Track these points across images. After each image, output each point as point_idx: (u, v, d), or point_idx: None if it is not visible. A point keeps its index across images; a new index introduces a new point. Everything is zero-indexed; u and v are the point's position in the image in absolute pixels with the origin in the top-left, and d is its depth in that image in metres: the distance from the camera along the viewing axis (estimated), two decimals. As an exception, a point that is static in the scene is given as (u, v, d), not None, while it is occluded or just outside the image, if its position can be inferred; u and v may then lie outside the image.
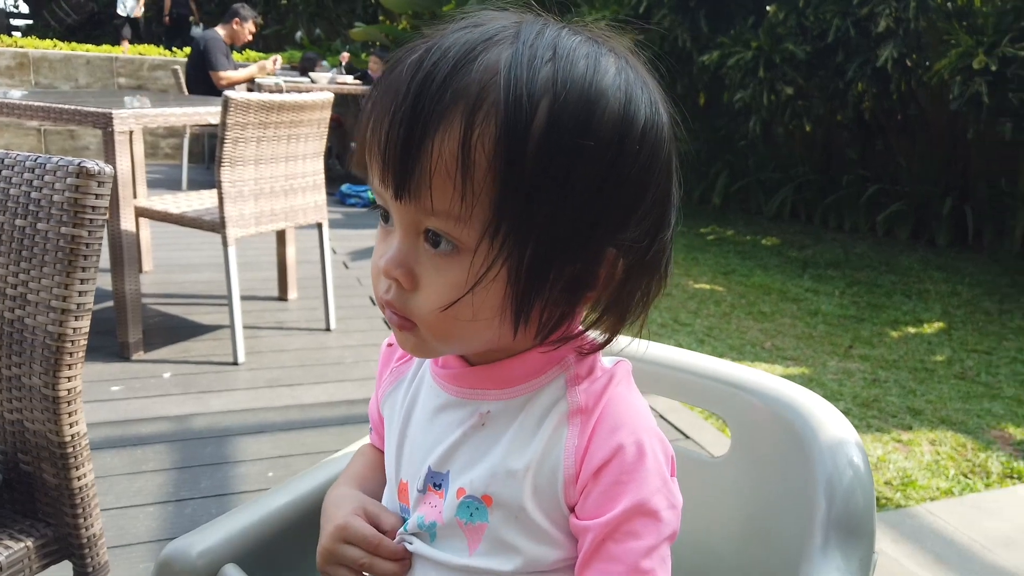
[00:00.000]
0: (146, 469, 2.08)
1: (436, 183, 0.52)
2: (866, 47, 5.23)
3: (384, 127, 0.53)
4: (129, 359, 2.78)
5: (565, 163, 0.52)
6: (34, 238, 1.00)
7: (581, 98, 0.52)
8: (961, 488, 2.28)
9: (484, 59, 0.52)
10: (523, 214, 0.52)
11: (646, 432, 0.60)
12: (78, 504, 1.04)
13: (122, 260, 2.67)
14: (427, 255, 0.56)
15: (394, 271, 0.56)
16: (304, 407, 2.52)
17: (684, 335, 3.55)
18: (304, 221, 3.07)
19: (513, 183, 0.51)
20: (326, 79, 6.65)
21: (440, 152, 0.51)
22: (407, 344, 0.60)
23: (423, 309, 0.57)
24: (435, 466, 0.64)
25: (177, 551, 0.73)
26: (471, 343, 0.60)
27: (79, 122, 2.65)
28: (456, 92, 0.51)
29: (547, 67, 0.52)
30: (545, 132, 0.51)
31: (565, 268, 0.55)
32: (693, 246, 5.44)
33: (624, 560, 0.57)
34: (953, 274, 4.84)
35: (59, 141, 7.26)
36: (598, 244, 0.56)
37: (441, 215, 0.53)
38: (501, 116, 0.51)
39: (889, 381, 3.11)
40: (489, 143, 0.51)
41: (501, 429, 0.62)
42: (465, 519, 0.62)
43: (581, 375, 0.62)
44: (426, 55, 0.53)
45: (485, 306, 0.56)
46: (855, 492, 0.77)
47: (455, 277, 0.55)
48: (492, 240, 0.53)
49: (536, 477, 0.60)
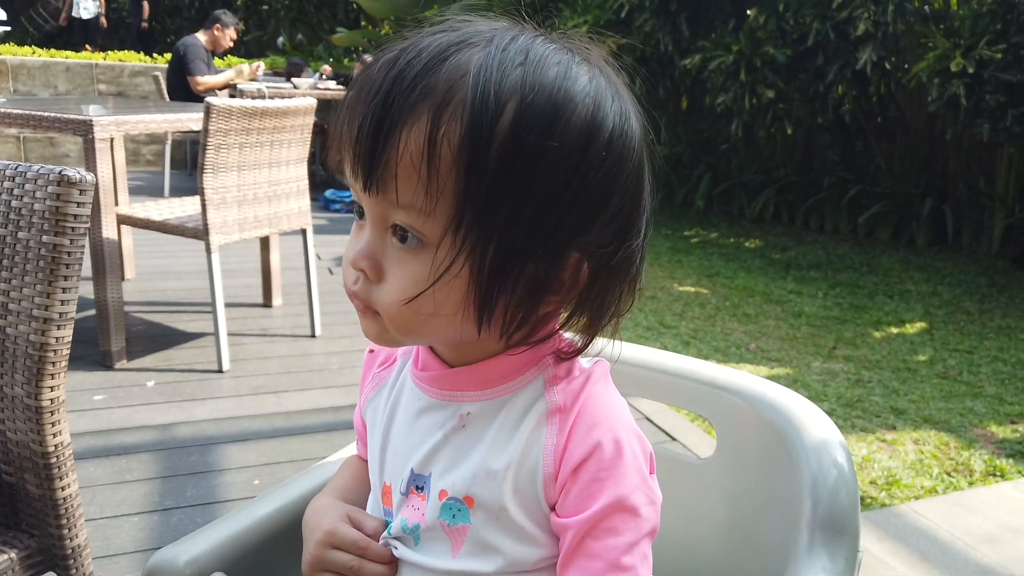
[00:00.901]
0: (130, 479, 2.06)
1: (401, 175, 0.53)
2: (845, 50, 5.28)
3: (356, 122, 0.55)
4: (112, 368, 2.75)
5: (528, 164, 0.53)
6: (15, 247, 0.99)
7: (548, 102, 0.54)
8: (945, 486, 2.30)
9: (455, 59, 0.54)
10: (485, 211, 0.53)
11: (623, 429, 0.60)
12: (62, 515, 1.03)
13: (104, 268, 2.65)
14: (394, 249, 0.57)
15: (361, 262, 0.58)
16: (289, 414, 2.51)
17: (670, 337, 3.57)
18: (288, 227, 3.06)
19: (476, 180, 0.53)
20: (308, 84, 6.63)
21: (406, 145, 0.53)
22: (371, 331, 0.62)
23: (386, 301, 0.58)
24: (417, 468, 0.65)
25: (164, 561, 0.73)
26: (432, 337, 0.62)
27: (59, 129, 2.62)
28: (425, 88, 0.53)
29: (517, 71, 0.54)
30: (510, 132, 0.52)
31: (527, 268, 0.56)
32: (677, 248, 5.46)
33: (604, 557, 0.58)
34: (934, 274, 4.89)
35: (39, 148, 7.20)
36: (560, 246, 0.56)
37: (406, 208, 0.55)
38: (467, 114, 0.52)
39: (872, 381, 3.14)
40: (455, 139, 0.52)
41: (481, 430, 0.63)
42: (448, 521, 0.63)
43: (559, 375, 0.63)
44: (401, 55, 0.55)
45: (447, 301, 0.57)
46: (840, 492, 0.77)
47: (418, 272, 0.56)
48: (455, 235, 0.54)
49: (516, 477, 0.61)
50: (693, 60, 5.79)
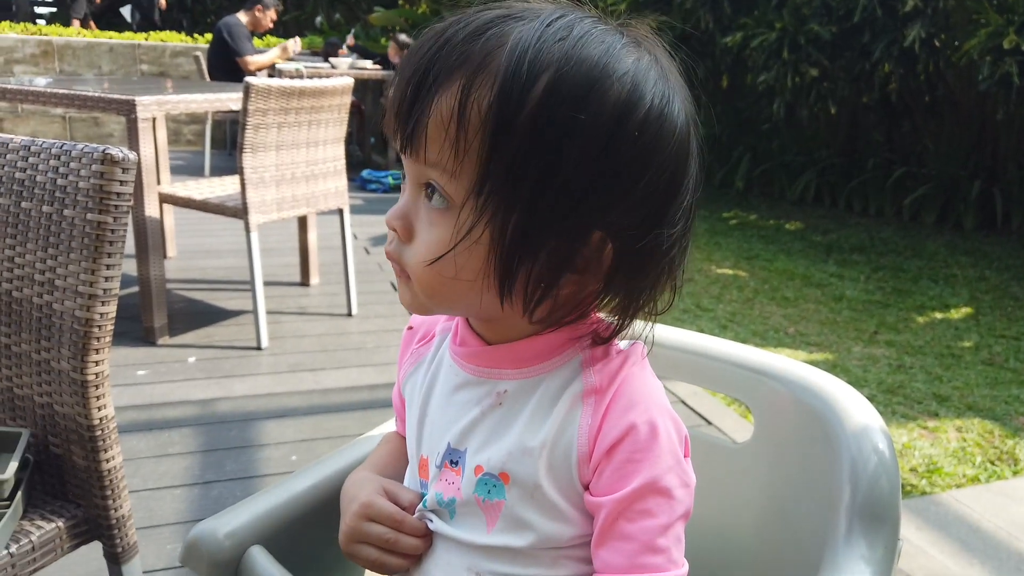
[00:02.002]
0: (172, 452, 2.11)
1: (432, 135, 0.55)
2: (893, 27, 5.14)
3: (400, 86, 0.58)
4: (154, 344, 2.81)
5: (556, 135, 0.53)
6: (61, 224, 1.01)
7: (584, 76, 0.54)
8: (988, 475, 2.25)
9: (498, 30, 0.55)
10: (508, 178, 0.54)
11: (659, 411, 0.60)
12: (107, 486, 1.06)
13: (147, 246, 2.70)
14: (424, 209, 0.59)
15: (394, 222, 0.60)
16: (326, 392, 2.54)
17: (706, 320, 3.53)
18: (325, 207, 3.08)
19: (501, 145, 0.54)
20: (346, 64, 6.65)
21: (439, 106, 0.55)
22: (404, 296, 0.63)
23: (412, 261, 0.60)
24: (454, 443, 0.66)
25: (205, 532, 0.74)
26: (457, 304, 0.62)
27: (103, 109, 2.67)
28: (464, 55, 0.54)
29: (558, 44, 0.54)
30: (539, 102, 0.53)
31: (548, 240, 0.56)
32: (715, 230, 5.40)
33: (638, 538, 0.58)
34: (981, 259, 4.77)
35: (83, 128, 7.34)
36: (583, 223, 0.56)
37: (436, 168, 0.56)
38: (499, 80, 0.53)
39: (915, 367, 3.08)
40: (483, 104, 0.53)
41: (518, 408, 0.63)
42: (483, 496, 0.63)
43: (596, 356, 0.63)
44: (450, 26, 0.57)
45: (468, 267, 0.57)
46: (880, 478, 0.76)
47: (443, 233, 0.57)
48: (477, 199, 0.55)
49: (551, 455, 0.61)
50: (734, 38, 5.68)
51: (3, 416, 1.11)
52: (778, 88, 5.72)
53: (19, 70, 7.18)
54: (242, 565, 0.73)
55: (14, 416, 1.10)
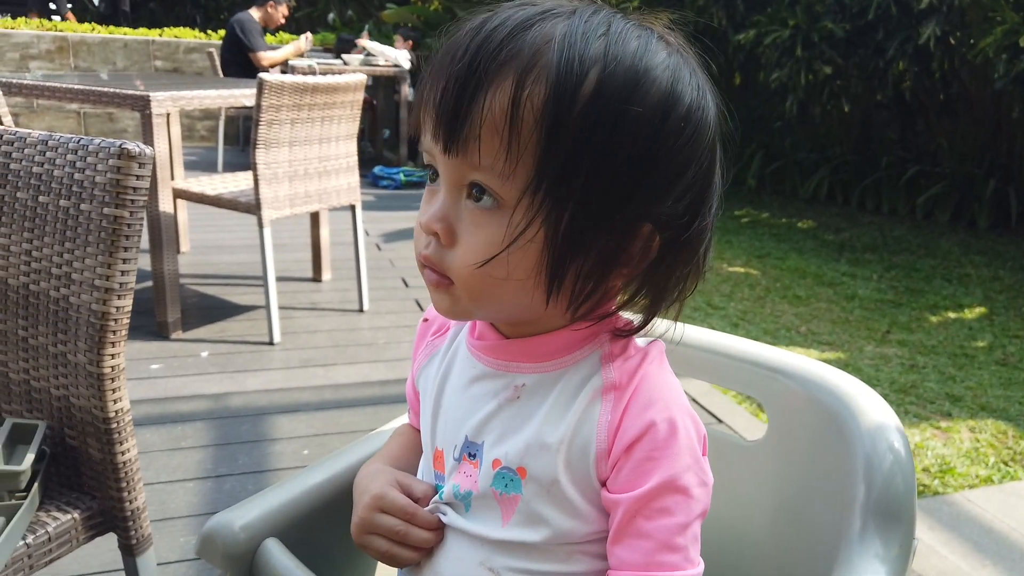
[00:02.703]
0: (185, 446, 2.12)
1: (484, 136, 0.54)
2: (907, 24, 5.11)
3: (440, 84, 0.56)
4: (168, 338, 2.83)
5: (608, 130, 0.54)
6: (77, 219, 1.02)
7: (629, 71, 0.54)
8: (1001, 476, 2.24)
9: (540, 28, 0.55)
10: (563, 175, 0.54)
11: (679, 410, 0.60)
12: (122, 478, 1.07)
13: (161, 241, 2.71)
14: (468, 211, 0.58)
15: (435, 225, 0.58)
16: (338, 387, 2.55)
17: (717, 319, 3.52)
18: (337, 203, 3.09)
19: (556, 143, 0.53)
20: (358, 61, 6.66)
21: (490, 107, 0.53)
22: (442, 304, 0.62)
23: (459, 264, 0.58)
24: (471, 435, 0.66)
25: (220, 525, 0.75)
26: (503, 305, 0.61)
27: (118, 104, 2.68)
28: (510, 52, 0.54)
29: (600, 40, 0.55)
30: (591, 98, 0.53)
31: (600, 236, 0.56)
32: (727, 228, 5.38)
33: (655, 536, 0.58)
34: (995, 258, 4.74)
35: (98, 124, 7.38)
36: (635, 215, 0.57)
37: (486, 169, 0.55)
38: (552, 78, 0.53)
39: (928, 367, 3.06)
40: (538, 102, 0.53)
41: (536, 403, 0.63)
42: (500, 490, 0.63)
43: (615, 353, 0.63)
44: (485, 22, 0.56)
45: (520, 266, 0.57)
46: (895, 477, 0.76)
47: (493, 234, 0.56)
48: (532, 198, 0.55)
49: (569, 451, 0.61)
50: (747, 35, 5.66)
51: (20, 408, 1.12)
52: (791, 86, 5.69)
53: (34, 66, 7.23)
54: (257, 557, 0.74)
55: (31, 408, 1.11)
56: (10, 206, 1.07)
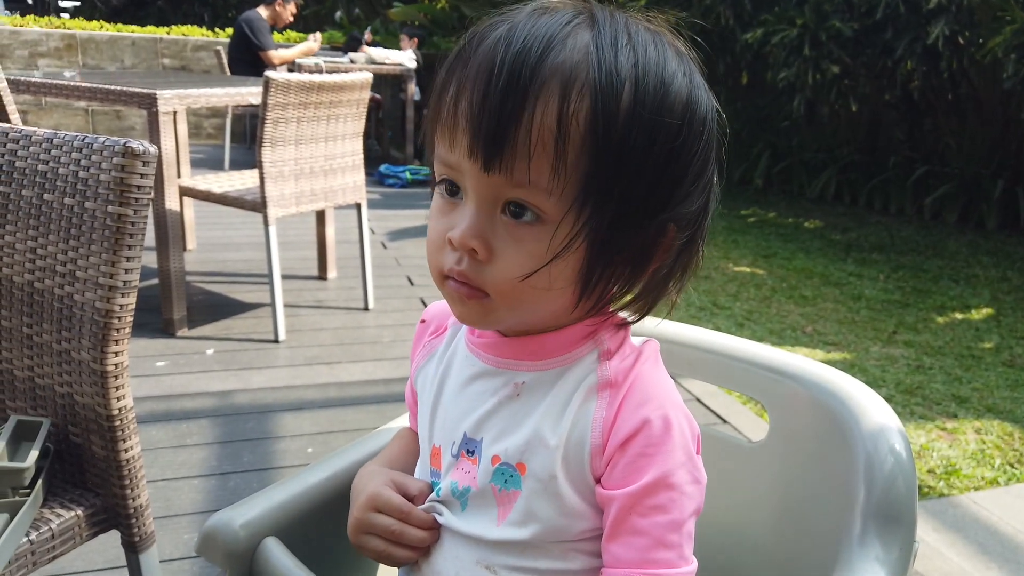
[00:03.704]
0: (190, 443, 2.13)
1: (534, 156, 0.54)
2: (916, 24, 5.09)
3: (475, 100, 0.55)
4: (173, 335, 2.84)
5: (645, 139, 0.55)
6: (82, 216, 1.02)
7: (656, 81, 0.56)
8: (1007, 478, 2.23)
9: (572, 40, 0.55)
10: (608, 186, 0.55)
11: (673, 407, 0.61)
12: (125, 475, 1.07)
13: (167, 239, 2.72)
14: (504, 226, 0.58)
15: (471, 242, 0.58)
16: (342, 385, 2.55)
17: (723, 318, 3.52)
18: (343, 201, 3.10)
19: (602, 158, 0.54)
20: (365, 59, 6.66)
21: (538, 126, 0.53)
22: (470, 315, 0.62)
23: (500, 279, 0.58)
24: (470, 432, 0.66)
25: (221, 523, 0.75)
26: (538, 312, 0.62)
27: (125, 102, 2.69)
28: (552, 69, 0.54)
29: (626, 51, 0.56)
30: (630, 111, 0.54)
31: (636, 241, 0.59)
32: (733, 228, 5.37)
33: (649, 533, 0.59)
34: (1003, 259, 4.72)
35: (106, 121, 7.40)
36: (665, 218, 0.59)
37: (532, 187, 0.55)
38: (594, 93, 0.54)
39: (934, 368, 3.05)
40: (583, 119, 0.53)
41: (536, 400, 0.64)
42: (499, 486, 0.64)
43: (611, 351, 0.64)
44: (512, 32, 0.56)
45: (561, 276, 0.58)
46: (896, 479, 0.76)
47: (535, 247, 0.57)
48: (579, 212, 0.55)
49: (566, 448, 0.62)
50: (755, 34, 5.64)
51: (24, 405, 1.12)
52: (798, 85, 5.68)
53: (43, 63, 7.26)
54: (257, 556, 0.74)
55: (35, 405, 1.11)
56: (15, 204, 1.07)
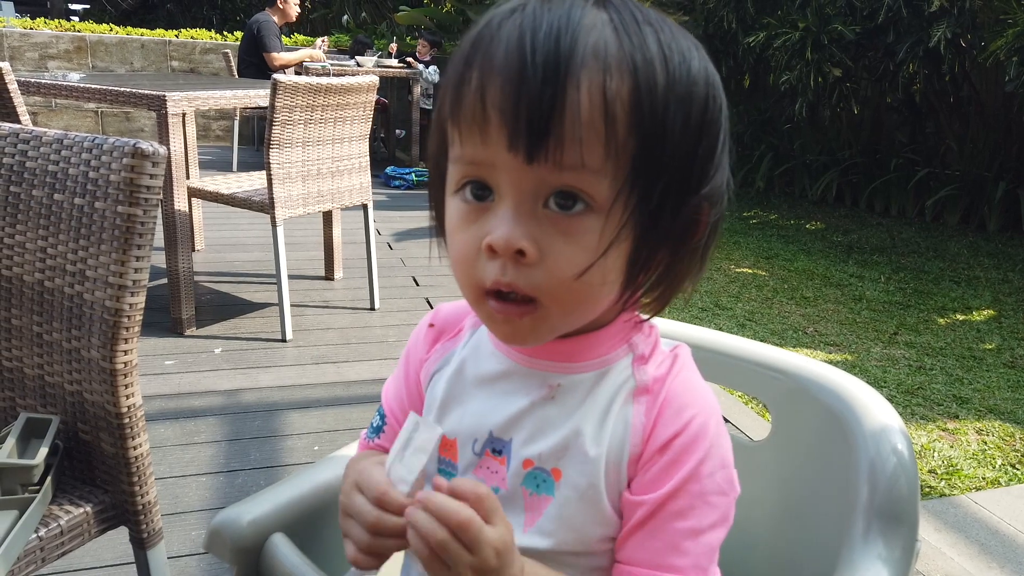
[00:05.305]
0: (198, 441, 2.14)
1: (586, 137, 0.51)
2: (918, 27, 5.09)
3: (510, 89, 0.51)
4: (182, 335, 2.85)
5: (683, 112, 0.53)
6: (92, 216, 1.03)
7: (680, 53, 0.54)
8: (1008, 478, 2.23)
9: (594, 19, 0.53)
10: (656, 164, 0.53)
11: (712, 416, 0.60)
12: (134, 472, 1.08)
13: (175, 239, 2.74)
14: (550, 221, 0.53)
15: (519, 241, 0.53)
16: (349, 384, 2.57)
17: (725, 319, 3.52)
18: (350, 202, 3.11)
19: (649, 133, 0.52)
20: (371, 63, 6.68)
21: (586, 105, 0.51)
22: (519, 333, 0.57)
23: (554, 279, 0.54)
24: (497, 432, 0.63)
25: (228, 520, 0.76)
26: (592, 312, 0.58)
27: (134, 104, 2.71)
28: (586, 49, 0.51)
29: (647, 27, 0.54)
30: (666, 83, 0.53)
31: (678, 222, 0.56)
32: (735, 230, 5.37)
33: (665, 537, 0.57)
34: (1004, 260, 4.72)
35: (115, 123, 7.42)
36: (700, 195, 0.56)
37: (585, 171, 0.52)
38: (635, 69, 0.52)
39: (935, 368, 3.05)
40: (626, 96, 0.51)
41: (572, 404, 0.61)
42: (531, 489, 0.62)
43: (646, 355, 0.63)
44: (532, 18, 0.52)
45: (614, 268, 0.55)
46: (899, 479, 0.76)
47: (588, 240, 0.53)
48: (629, 194, 0.53)
49: (608, 457, 0.60)
50: (757, 37, 5.65)
51: (34, 403, 1.13)
52: (801, 88, 5.68)
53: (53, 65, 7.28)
54: (264, 552, 0.75)
55: (45, 403, 1.13)
56: (26, 204, 1.08)
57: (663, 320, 1.01)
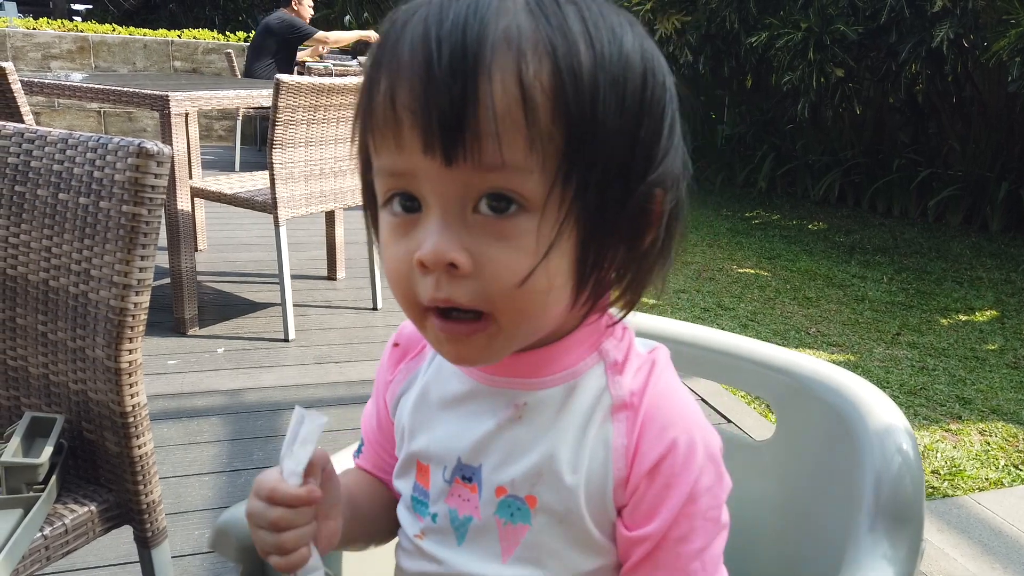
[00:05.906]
0: (201, 440, 2.15)
1: (503, 130, 0.46)
2: (920, 27, 5.08)
3: (419, 88, 0.47)
4: (185, 334, 2.86)
5: (616, 93, 0.49)
6: (96, 216, 1.04)
7: (608, 30, 0.50)
8: (1011, 479, 2.23)
9: (505, 4, 0.48)
10: (590, 153, 0.48)
11: (697, 427, 0.56)
12: (138, 471, 1.08)
13: (178, 239, 2.74)
14: (483, 226, 0.49)
15: (449, 253, 0.48)
16: (351, 383, 2.57)
17: (727, 319, 3.52)
18: (352, 202, 3.11)
19: (573, 120, 0.47)
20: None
21: (500, 95, 0.46)
22: (470, 352, 0.53)
23: (494, 289, 0.49)
24: (465, 458, 0.60)
25: (234, 518, 0.76)
26: (545, 321, 0.54)
27: (137, 104, 2.71)
28: (497, 33, 0.47)
29: (569, 6, 0.49)
30: (592, 63, 0.48)
31: (626, 213, 0.51)
32: (737, 230, 5.37)
33: (671, 566, 0.56)
34: (1007, 261, 4.71)
35: (118, 123, 7.43)
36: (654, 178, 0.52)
37: (508, 168, 0.47)
38: (552, 50, 0.47)
39: (938, 369, 3.05)
40: (546, 81, 0.47)
41: (542, 424, 0.58)
42: (505, 519, 0.58)
43: (619, 362, 0.58)
44: (438, 8, 0.48)
45: (559, 271, 0.50)
46: (904, 479, 0.76)
47: (525, 243, 0.49)
48: (563, 189, 0.48)
49: (588, 481, 0.56)
50: (760, 38, 5.64)
51: (39, 402, 1.14)
52: (803, 88, 5.67)
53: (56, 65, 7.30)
54: (270, 550, 0.75)
55: (49, 402, 1.13)
56: (31, 203, 1.09)
57: (664, 320, 1.01)
